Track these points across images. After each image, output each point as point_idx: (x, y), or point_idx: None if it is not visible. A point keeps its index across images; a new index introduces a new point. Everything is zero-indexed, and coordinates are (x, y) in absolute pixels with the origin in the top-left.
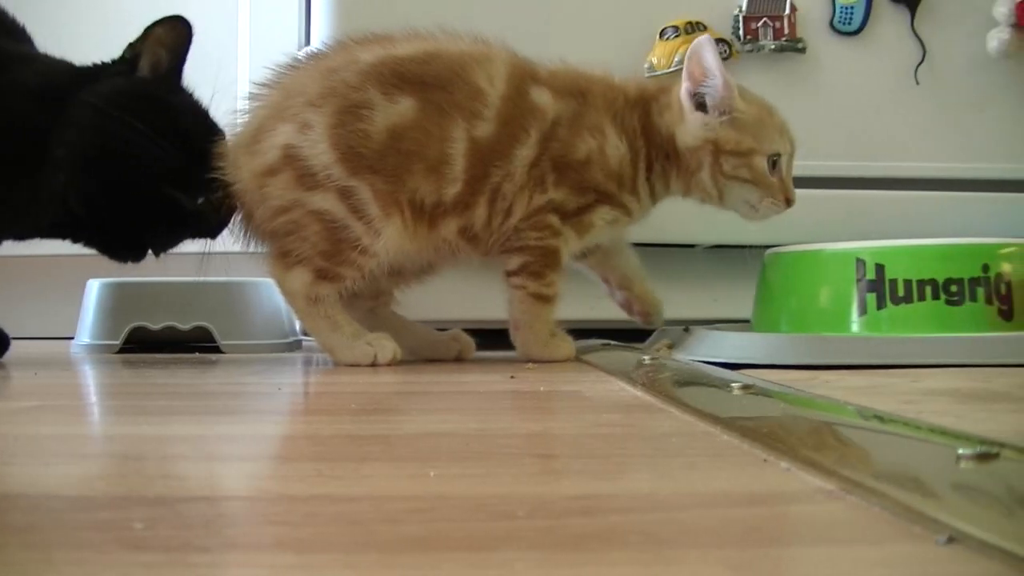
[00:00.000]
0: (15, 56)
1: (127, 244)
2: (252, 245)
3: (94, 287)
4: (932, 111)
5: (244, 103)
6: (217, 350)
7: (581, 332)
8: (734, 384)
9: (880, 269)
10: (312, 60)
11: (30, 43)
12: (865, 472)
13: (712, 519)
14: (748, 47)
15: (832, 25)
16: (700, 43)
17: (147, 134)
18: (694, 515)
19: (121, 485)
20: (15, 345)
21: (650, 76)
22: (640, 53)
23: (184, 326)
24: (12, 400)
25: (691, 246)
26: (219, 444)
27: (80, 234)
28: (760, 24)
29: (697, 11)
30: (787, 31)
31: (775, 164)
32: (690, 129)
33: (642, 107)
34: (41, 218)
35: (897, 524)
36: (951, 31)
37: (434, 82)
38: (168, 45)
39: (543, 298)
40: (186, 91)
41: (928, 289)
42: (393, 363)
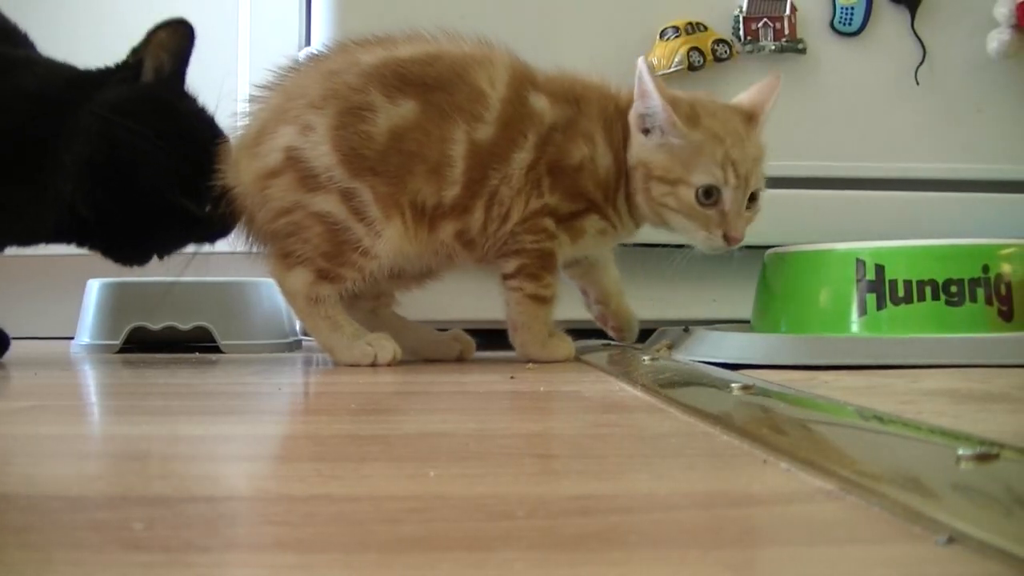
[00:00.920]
0: (17, 60)
1: (134, 249)
2: (253, 247)
3: (94, 287)
4: (932, 111)
5: (245, 106)
6: (217, 350)
7: (580, 332)
8: (734, 384)
9: (880, 270)
10: (313, 62)
11: (31, 48)
12: (864, 472)
13: (711, 519)
14: (748, 48)
15: (832, 26)
16: (639, 64)
17: (155, 142)
18: (693, 515)
19: (120, 485)
20: (15, 345)
21: None
22: (640, 54)
23: (184, 326)
24: (11, 400)
25: (689, 247)
26: (219, 444)
27: (86, 239)
28: (760, 24)
29: (697, 12)
30: (787, 32)
31: (709, 196)
32: (632, 149)
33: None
34: (47, 224)
35: (897, 524)
36: (951, 32)
37: (436, 84)
38: (171, 49)
39: (540, 299)
40: (191, 96)
41: (928, 290)
42: (393, 363)
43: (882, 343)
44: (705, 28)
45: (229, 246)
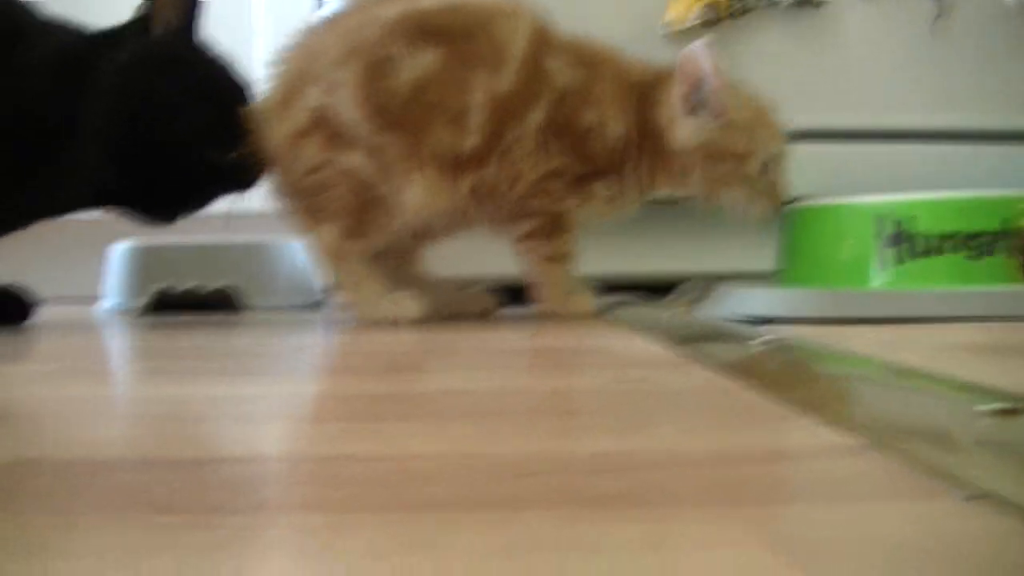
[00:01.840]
0: (31, 27)
1: (163, 206)
2: (282, 203)
3: (119, 250)
4: (951, 63)
5: (268, 69)
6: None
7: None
8: (757, 340)
9: (900, 223)
10: (332, 21)
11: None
12: (887, 428)
13: (733, 476)
14: (764, 1)
15: None
16: (697, 46)
17: (173, 93)
18: (717, 472)
19: (143, 447)
20: (40, 308)
21: (666, 34)
22: (656, 10)
23: (208, 287)
24: (36, 363)
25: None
26: (242, 404)
27: (114, 202)
28: None
29: None
30: None
31: (766, 166)
32: (683, 132)
33: (641, 93)
34: (77, 193)
35: (920, 480)
36: None
37: (458, 33)
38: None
39: (557, 257)
40: (205, 45)
41: (949, 243)
42: (417, 320)
43: (904, 297)
44: None
45: (253, 205)
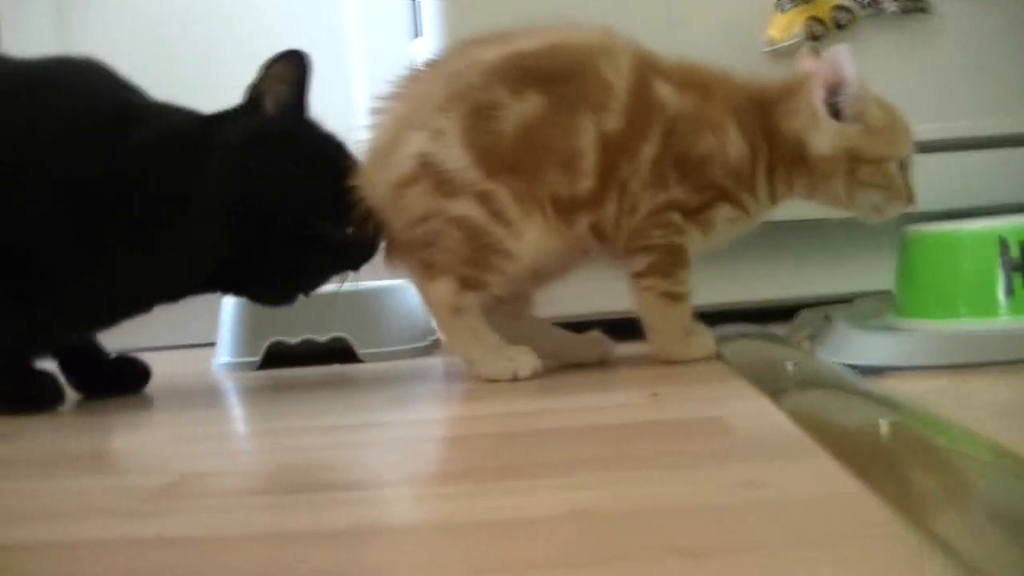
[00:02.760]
0: (146, 110)
1: (282, 286)
2: (392, 258)
3: (229, 302)
4: None
5: (369, 119)
6: (355, 359)
7: (712, 317)
8: (881, 421)
9: None
10: (432, 67)
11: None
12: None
13: None
14: (869, 11)
15: None
16: (838, 52)
17: (288, 171)
18: None
19: None
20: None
21: (769, 51)
22: (756, 28)
23: (323, 338)
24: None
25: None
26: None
27: (232, 283)
28: None
29: None
30: None
31: (903, 166)
32: (825, 138)
33: (764, 108)
34: (195, 275)
35: None
36: None
37: (560, 76)
38: (287, 79)
39: (674, 296)
40: (315, 123)
41: None
42: (534, 376)
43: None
44: None
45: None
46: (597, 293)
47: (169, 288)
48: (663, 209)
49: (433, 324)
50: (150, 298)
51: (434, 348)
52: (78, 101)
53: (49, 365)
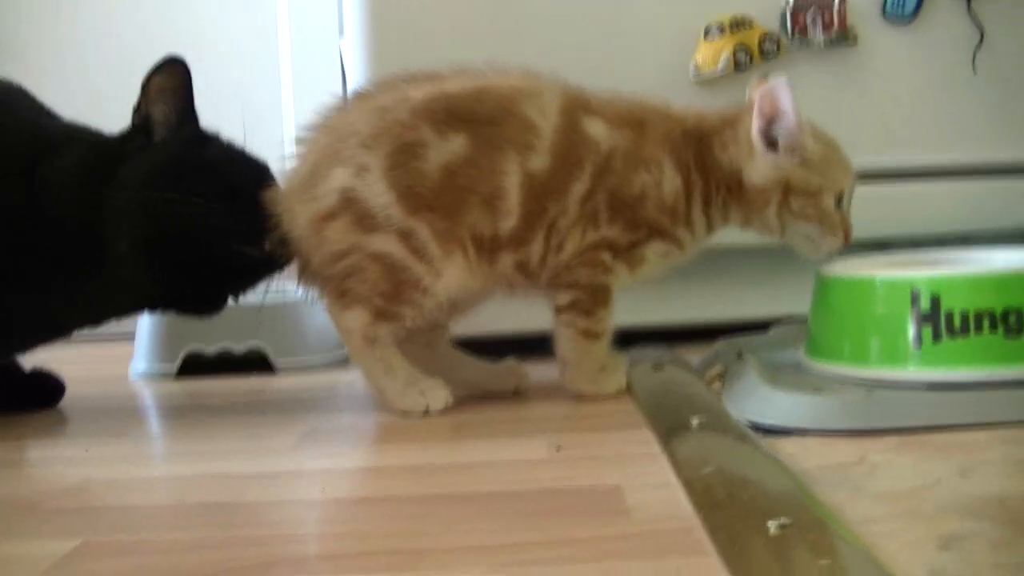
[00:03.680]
0: (56, 136)
1: (206, 302)
2: (307, 286)
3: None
4: (991, 98)
5: (292, 148)
6: (270, 369)
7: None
8: (771, 524)
9: (935, 300)
10: (360, 99)
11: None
12: None
13: None
14: (797, 42)
15: (884, 13)
16: (776, 84)
17: (196, 202)
18: None
19: None
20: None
21: (696, 80)
22: (683, 55)
23: (240, 348)
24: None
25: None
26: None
27: (155, 304)
28: (809, 15)
29: (742, 4)
30: (837, 23)
31: (839, 201)
32: (760, 168)
33: (701, 140)
34: (115, 301)
35: None
36: (1011, 13)
37: (485, 118)
38: (170, 91)
39: (592, 335)
40: (213, 137)
41: (985, 321)
42: (445, 410)
43: (942, 401)
44: (751, 24)
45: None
46: (509, 314)
47: (86, 313)
48: (593, 248)
49: None
50: (67, 322)
51: (348, 360)
52: None
53: None
